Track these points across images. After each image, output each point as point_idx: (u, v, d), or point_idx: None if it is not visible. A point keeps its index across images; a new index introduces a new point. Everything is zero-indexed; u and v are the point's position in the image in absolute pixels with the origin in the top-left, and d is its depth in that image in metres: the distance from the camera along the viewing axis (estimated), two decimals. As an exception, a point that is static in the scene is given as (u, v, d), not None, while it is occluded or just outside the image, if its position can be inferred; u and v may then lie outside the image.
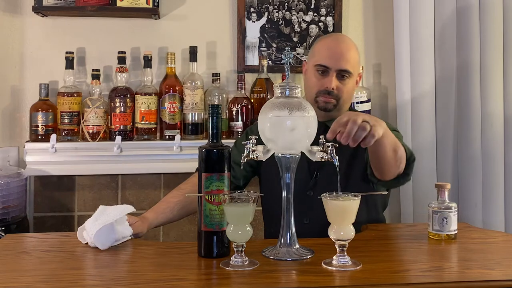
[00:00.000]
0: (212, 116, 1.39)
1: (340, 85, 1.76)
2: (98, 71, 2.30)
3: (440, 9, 2.48)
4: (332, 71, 1.75)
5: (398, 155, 1.54)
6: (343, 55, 1.76)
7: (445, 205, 1.49)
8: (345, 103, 1.81)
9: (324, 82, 1.76)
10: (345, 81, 1.77)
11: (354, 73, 1.78)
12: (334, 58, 1.75)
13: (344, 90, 1.77)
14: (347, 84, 1.77)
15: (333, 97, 1.76)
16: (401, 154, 1.55)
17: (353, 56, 1.78)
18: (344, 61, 1.75)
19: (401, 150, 1.55)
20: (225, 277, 1.22)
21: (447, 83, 2.49)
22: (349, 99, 1.84)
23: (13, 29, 2.35)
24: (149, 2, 2.29)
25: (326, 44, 1.80)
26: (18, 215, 2.18)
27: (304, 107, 1.35)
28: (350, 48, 1.79)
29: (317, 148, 1.37)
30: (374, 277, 1.21)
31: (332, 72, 1.75)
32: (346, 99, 1.80)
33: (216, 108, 1.40)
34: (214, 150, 1.36)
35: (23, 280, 1.20)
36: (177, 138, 2.27)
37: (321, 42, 1.85)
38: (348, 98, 1.82)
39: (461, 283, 1.21)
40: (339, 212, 1.29)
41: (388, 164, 1.55)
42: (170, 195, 1.76)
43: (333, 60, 1.75)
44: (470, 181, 2.46)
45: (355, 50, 1.81)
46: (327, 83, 1.75)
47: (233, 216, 1.28)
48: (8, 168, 2.25)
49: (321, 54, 1.78)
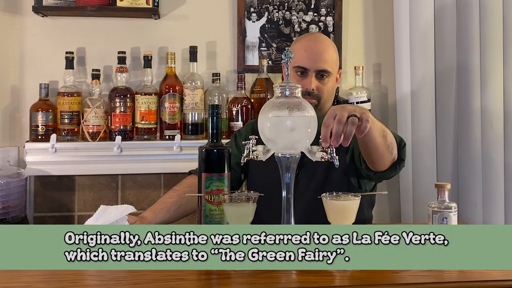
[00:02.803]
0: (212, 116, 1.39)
1: (320, 85, 1.77)
2: (98, 71, 2.30)
3: (440, 9, 2.48)
4: (311, 71, 1.76)
5: (388, 141, 1.53)
6: (321, 55, 1.76)
7: (445, 205, 1.49)
8: (326, 102, 1.82)
9: (303, 83, 1.75)
10: (325, 80, 1.78)
11: (333, 72, 1.79)
12: (312, 59, 1.76)
13: (325, 89, 1.78)
14: (327, 84, 1.78)
15: (314, 97, 1.77)
16: (390, 139, 1.54)
17: (331, 55, 1.79)
18: (322, 61, 1.76)
19: (390, 136, 1.54)
20: (225, 277, 1.22)
21: (447, 83, 2.49)
22: (330, 98, 1.85)
23: (13, 29, 2.35)
24: (149, 2, 2.28)
25: (303, 45, 1.80)
26: (18, 215, 2.18)
27: (304, 107, 1.35)
28: (328, 47, 1.80)
29: (317, 148, 1.37)
30: (374, 277, 1.21)
31: (311, 73, 1.76)
32: (327, 98, 1.81)
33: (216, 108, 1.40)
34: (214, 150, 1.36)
35: (23, 280, 1.20)
36: (177, 138, 2.27)
37: (298, 43, 1.84)
38: (329, 97, 1.83)
39: (461, 283, 1.22)
40: (339, 212, 1.29)
41: (381, 152, 1.53)
42: (166, 196, 1.78)
43: (311, 61, 1.75)
44: (470, 181, 2.46)
45: (332, 49, 1.81)
46: (307, 84, 1.76)
47: (233, 216, 1.28)
48: (8, 168, 2.25)
49: (299, 55, 1.77)
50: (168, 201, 1.73)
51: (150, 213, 1.68)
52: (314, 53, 1.77)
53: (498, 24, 2.45)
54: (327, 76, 1.78)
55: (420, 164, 2.47)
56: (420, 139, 2.47)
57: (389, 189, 2.52)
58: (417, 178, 2.47)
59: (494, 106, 2.45)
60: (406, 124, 2.47)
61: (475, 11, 2.45)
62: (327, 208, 1.31)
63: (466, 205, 2.45)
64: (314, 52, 1.77)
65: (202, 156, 1.36)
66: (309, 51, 1.77)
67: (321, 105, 1.79)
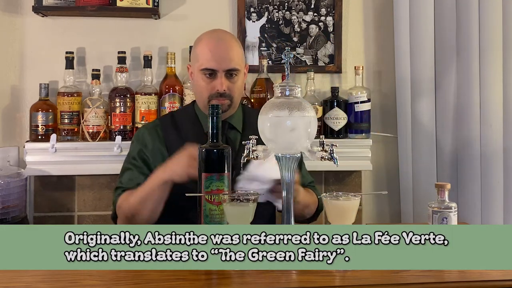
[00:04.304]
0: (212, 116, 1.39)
1: (231, 84, 1.74)
2: (98, 71, 2.30)
3: (440, 9, 2.48)
4: (220, 72, 1.72)
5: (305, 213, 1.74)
6: (227, 54, 1.72)
7: (445, 205, 1.49)
8: (238, 99, 1.80)
9: (214, 85, 1.72)
10: (234, 79, 1.75)
11: (241, 68, 1.77)
12: (219, 59, 1.71)
13: (235, 88, 1.75)
14: (237, 82, 1.76)
15: (226, 97, 1.73)
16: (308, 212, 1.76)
17: (237, 52, 1.76)
18: (229, 61, 1.72)
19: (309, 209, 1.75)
20: (225, 277, 1.22)
21: (447, 82, 2.49)
22: (241, 95, 1.84)
23: (13, 29, 2.35)
24: (149, 2, 2.28)
25: (207, 46, 1.74)
26: (18, 215, 2.18)
27: (304, 107, 1.35)
28: (232, 45, 1.76)
29: (317, 148, 1.37)
30: (374, 277, 1.21)
31: (220, 73, 1.72)
32: (238, 95, 1.80)
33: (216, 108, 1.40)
34: (214, 150, 1.36)
35: (23, 280, 1.20)
36: (177, 138, 2.27)
37: (201, 44, 1.77)
38: (240, 93, 1.81)
39: (461, 283, 1.22)
40: (339, 212, 1.29)
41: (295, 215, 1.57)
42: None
43: (218, 62, 1.71)
44: (470, 181, 2.46)
45: (237, 45, 1.78)
46: (218, 85, 1.72)
47: (233, 216, 1.28)
48: (8, 168, 2.25)
49: (204, 57, 1.73)
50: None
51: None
52: (220, 53, 1.71)
53: (497, 24, 2.45)
54: (236, 74, 1.74)
55: (420, 164, 2.47)
56: (420, 138, 2.47)
57: (389, 189, 2.53)
58: (417, 178, 2.47)
59: (494, 106, 2.45)
60: (406, 124, 2.47)
61: (474, 12, 2.45)
62: (327, 208, 1.31)
63: (466, 205, 2.45)
64: (219, 53, 1.71)
65: (202, 156, 1.36)
66: (214, 52, 1.72)
67: (234, 103, 1.77)
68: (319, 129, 2.35)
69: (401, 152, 2.49)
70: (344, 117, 2.40)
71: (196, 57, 1.77)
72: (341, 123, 2.40)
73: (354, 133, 2.42)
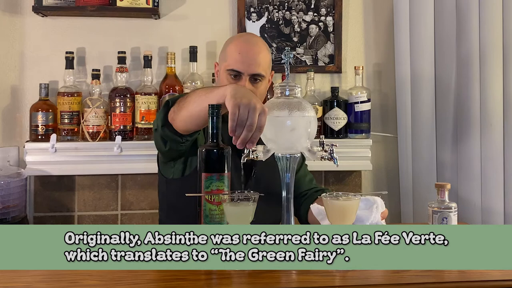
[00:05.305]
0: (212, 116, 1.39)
1: (253, 89, 1.72)
2: (98, 71, 2.30)
3: (440, 9, 2.48)
4: (245, 75, 1.71)
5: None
6: (255, 59, 1.72)
7: (445, 205, 1.49)
8: None
9: None
10: (258, 84, 1.74)
11: (266, 75, 1.76)
12: (246, 63, 1.71)
13: (257, 93, 1.74)
14: (260, 87, 1.75)
15: None
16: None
17: (265, 58, 1.75)
18: (256, 65, 1.71)
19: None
20: (225, 277, 1.22)
21: (447, 82, 2.49)
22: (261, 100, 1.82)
23: (13, 29, 2.35)
24: (149, 2, 2.29)
25: (237, 48, 1.74)
26: (18, 215, 2.18)
27: (304, 107, 1.35)
28: (261, 50, 1.75)
29: (317, 148, 1.37)
30: (374, 277, 1.21)
31: (245, 76, 1.71)
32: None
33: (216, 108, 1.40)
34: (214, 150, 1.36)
35: (23, 280, 1.20)
36: (177, 138, 2.27)
37: (232, 44, 1.78)
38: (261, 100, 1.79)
39: (461, 283, 1.22)
40: (339, 212, 1.29)
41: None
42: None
43: (245, 65, 1.71)
44: (470, 181, 2.46)
45: (266, 51, 1.78)
46: None
47: (233, 216, 1.28)
48: (8, 168, 2.25)
49: (232, 58, 1.72)
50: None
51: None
52: (249, 57, 1.71)
53: (498, 25, 2.45)
54: (260, 80, 1.74)
55: (420, 164, 2.47)
56: (420, 138, 2.47)
57: (389, 189, 2.53)
58: (417, 178, 2.47)
59: (494, 106, 2.45)
60: (406, 124, 2.47)
61: (475, 12, 2.45)
62: (327, 208, 1.31)
63: (466, 205, 2.45)
64: (248, 56, 1.71)
65: (202, 156, 1.36)
66: (243, 54, 1.71)
67: None
68: (319, 129, 2.36)
69: (401, 152, 2.49)
70: (344, 117, 2.40)
71: (224, 56, 1.77)
72: (341, 123, 2.40)
73: (354, 133, 2.43)
